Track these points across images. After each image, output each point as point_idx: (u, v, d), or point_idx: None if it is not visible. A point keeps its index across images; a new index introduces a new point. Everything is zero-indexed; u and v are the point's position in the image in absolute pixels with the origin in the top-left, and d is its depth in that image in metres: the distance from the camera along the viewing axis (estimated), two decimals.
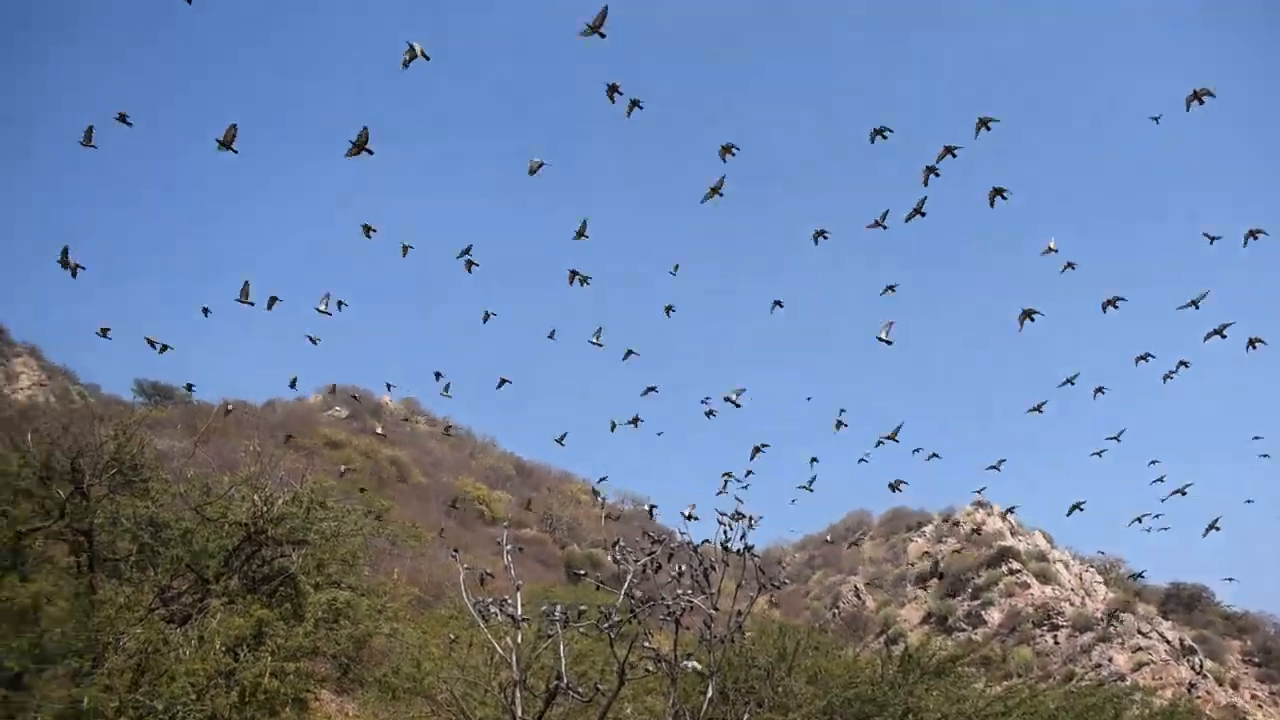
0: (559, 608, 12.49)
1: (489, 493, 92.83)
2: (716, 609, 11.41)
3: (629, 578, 11.25)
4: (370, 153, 20.02)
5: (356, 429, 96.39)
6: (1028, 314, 25.52)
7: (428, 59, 20.01)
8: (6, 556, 16.30)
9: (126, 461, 18.50)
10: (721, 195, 23.45)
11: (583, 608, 12.37)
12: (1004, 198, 23.57)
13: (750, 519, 11.59)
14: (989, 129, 22.01)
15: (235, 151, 20.14)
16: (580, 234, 24.63)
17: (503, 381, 31.68)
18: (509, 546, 12.72)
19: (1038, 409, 30.02)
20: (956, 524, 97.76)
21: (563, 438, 34.66)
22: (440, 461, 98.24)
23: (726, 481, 31.04)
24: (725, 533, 11.69)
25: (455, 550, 13.52)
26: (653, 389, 31.07)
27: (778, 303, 29.64)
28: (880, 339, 25.96)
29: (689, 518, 11.74)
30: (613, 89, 21.75)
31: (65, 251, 22.82)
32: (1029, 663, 70.67)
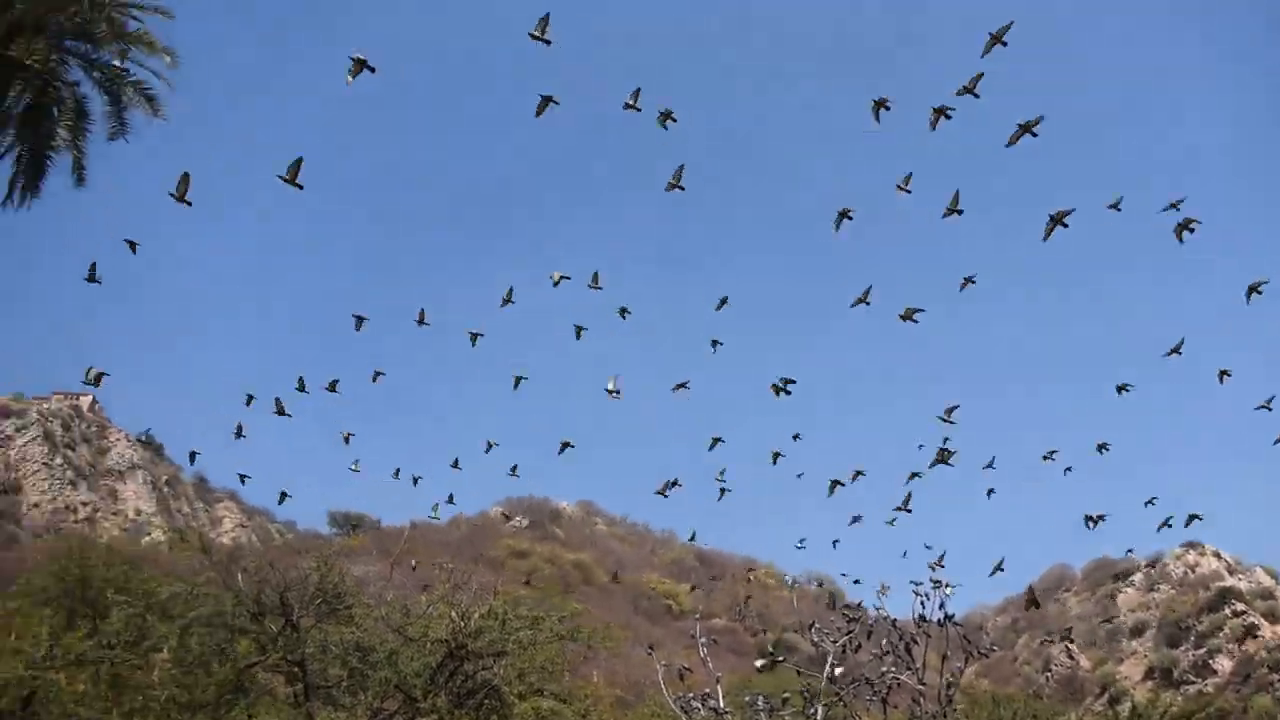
0: (761, 697, 12.29)
1: (674, 586, 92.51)
2: (924, 683, 11.03)
3: (829, 659, 11.03)
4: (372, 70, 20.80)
5: (538, 537, 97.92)
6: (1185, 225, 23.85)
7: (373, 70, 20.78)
8: (231, 692, 17.10)
9: (330, 591, 19.28)
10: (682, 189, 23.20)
11: (785, 695, 12.14)
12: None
13: (946, 586, 11.23)
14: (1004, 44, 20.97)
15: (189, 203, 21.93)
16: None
17: (564, 446, 31.30)
18: (702, 639, 12.66)
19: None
20: (1167, 568, 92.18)
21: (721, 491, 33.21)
22: (623, 560, 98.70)
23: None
24: (922, 603, 11.35)
25: (650, 648, 13.50)
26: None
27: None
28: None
29: (881, 593, 11.46)
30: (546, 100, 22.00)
31: (280, 404, 25.17)
32: (1271, 711, 65.34)
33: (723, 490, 31.45)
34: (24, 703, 12.11)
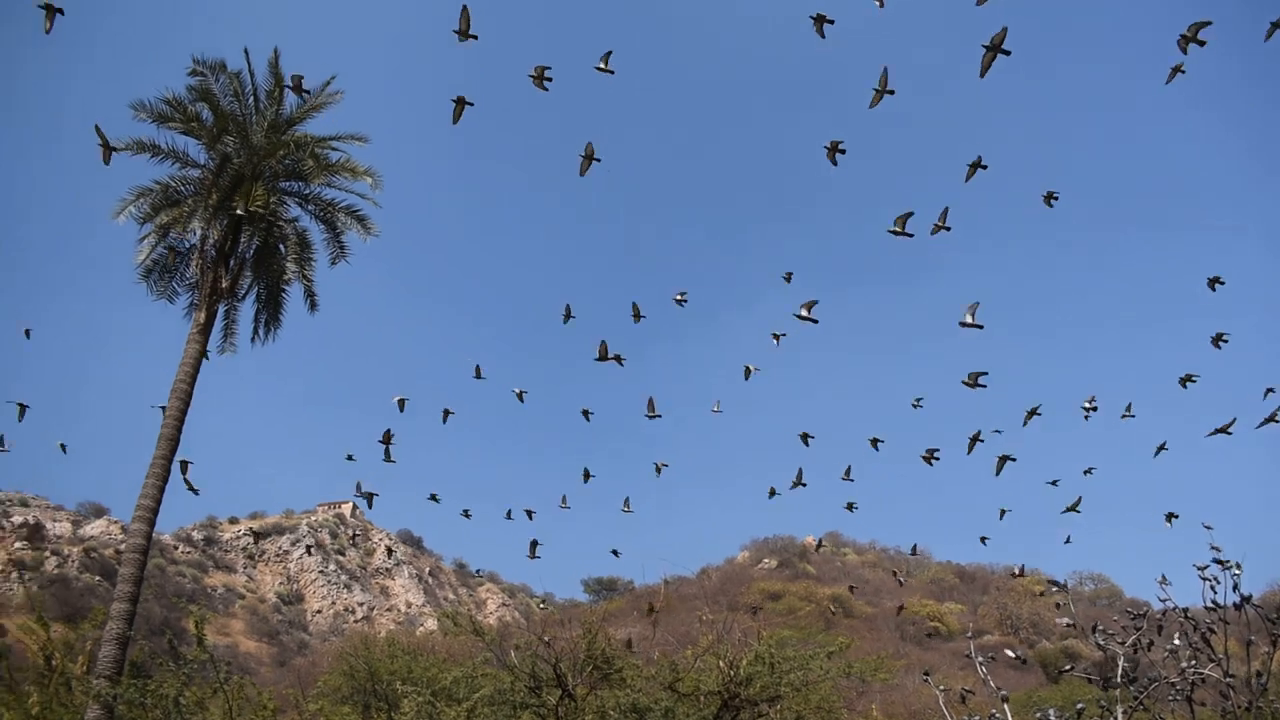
0: (1052, 711, 11.71)
1: (938, 606, 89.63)
2: (1231, 674, 10.18)
3: (1120, 661, 10.36)
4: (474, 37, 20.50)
5: (789, 576, 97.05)
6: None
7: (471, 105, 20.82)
8: None
9: (598, 656, 19.66)
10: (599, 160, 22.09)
11: (1080, 705, 11.50)
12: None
13: (1235, 566, 10.35)
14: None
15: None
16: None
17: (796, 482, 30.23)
18: (979, 658, 12.17)
19: None
20: None
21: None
22: (879, 588, 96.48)
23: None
24: (1212, 588, 10.50)
25: (926, 673, 13.11)
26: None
27: None
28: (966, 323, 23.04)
29: (1162, 583, 10.70)
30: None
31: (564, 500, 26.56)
32: None
33: (1002, 511, 30.11)
34: None
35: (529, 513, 29.51)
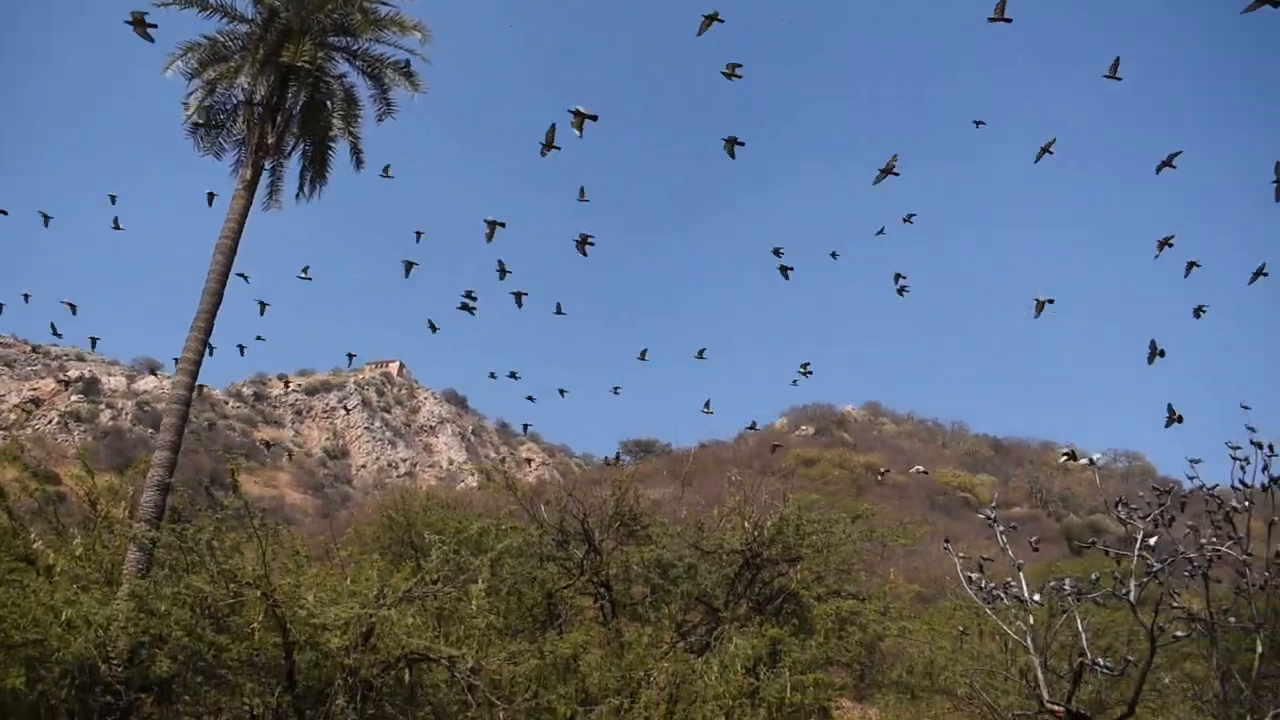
0: (1068, 581, 11.75)
1: (970, 478, 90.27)
2: (1249, 554, 10.14)
3: (1139, 537, 10.33)
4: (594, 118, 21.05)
5: (826, 443, 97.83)
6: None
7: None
8: (544, 614, 18.18)
9: (626, 514, 20.04)
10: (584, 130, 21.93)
11: (1095, 576, 11.53)
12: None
13: (1270, 447, 10.20)
14: None
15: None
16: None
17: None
18: (1000, 527, 12.21)
19: None
20: None
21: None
22: (914, 458, 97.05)
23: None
24: (1242, 468, 10.37)
25: (946, 540, 13.21)
26: None
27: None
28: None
29: (1193, 463, 10.58)
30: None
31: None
32: None
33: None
34: (364, 637, 13.31)
35: (561, 391, 29.65)
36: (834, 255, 28.10)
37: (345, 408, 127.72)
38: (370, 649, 13.25)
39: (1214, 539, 10.08)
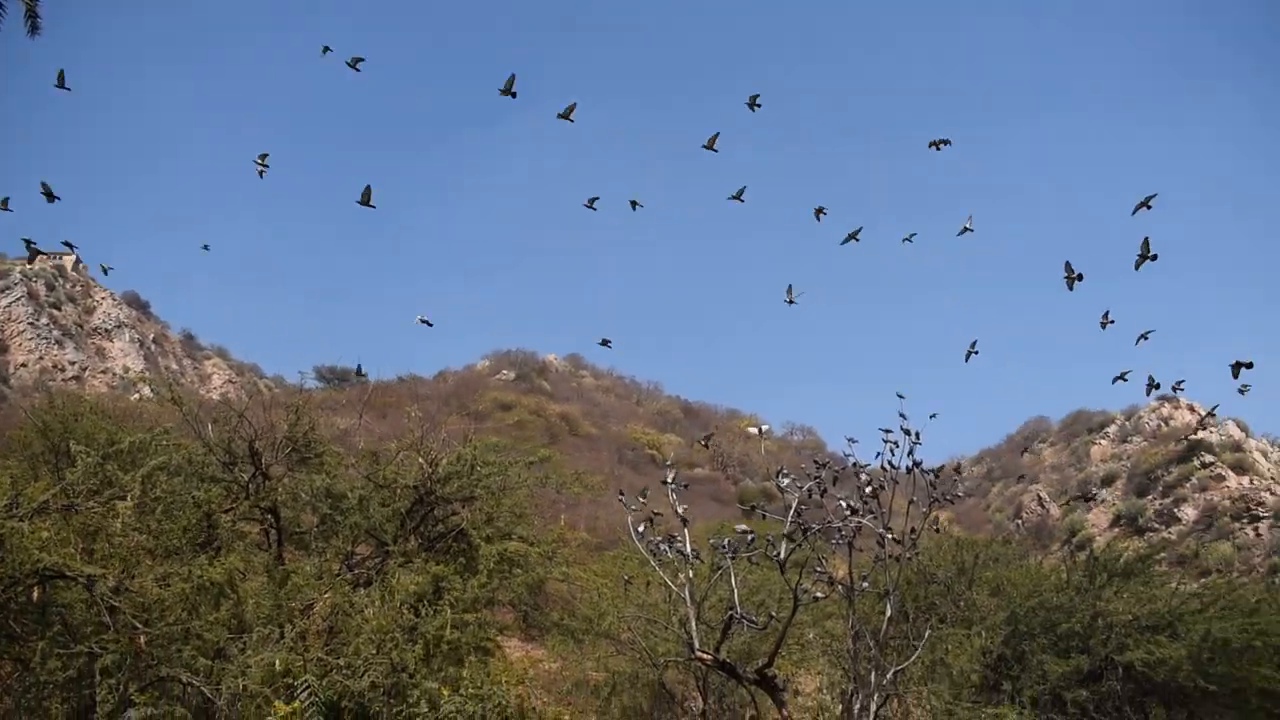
0: (728, 540, 12.27)
1: (659, 436, 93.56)
2: (888, 528, 11.04)
3: (794, 505, 10.97)
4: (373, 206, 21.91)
5: (524, 390, 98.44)
6: None
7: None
8: (201, 538, 17.09)
9: (300, 440, 19.16)
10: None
11: (750, 537, 12.11)
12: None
13: (915, 434, 11.13)
14: None
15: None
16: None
17: (604, 341, 32.26)
18: (672, 485, 12.58)
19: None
20: (1142, 419, 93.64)
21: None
22: (609, 412, 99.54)
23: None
24: (891, 450, 11.25)
25: (622, 493, 13.45)
26: None
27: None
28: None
29: (850, 441, 11.43)
30: None
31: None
32: (1228, 558, 67.04)
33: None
34: None
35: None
36: (634, 204, 27.43)
37: (7, 299, 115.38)
38: None
39: (858, 512, 10.89)
